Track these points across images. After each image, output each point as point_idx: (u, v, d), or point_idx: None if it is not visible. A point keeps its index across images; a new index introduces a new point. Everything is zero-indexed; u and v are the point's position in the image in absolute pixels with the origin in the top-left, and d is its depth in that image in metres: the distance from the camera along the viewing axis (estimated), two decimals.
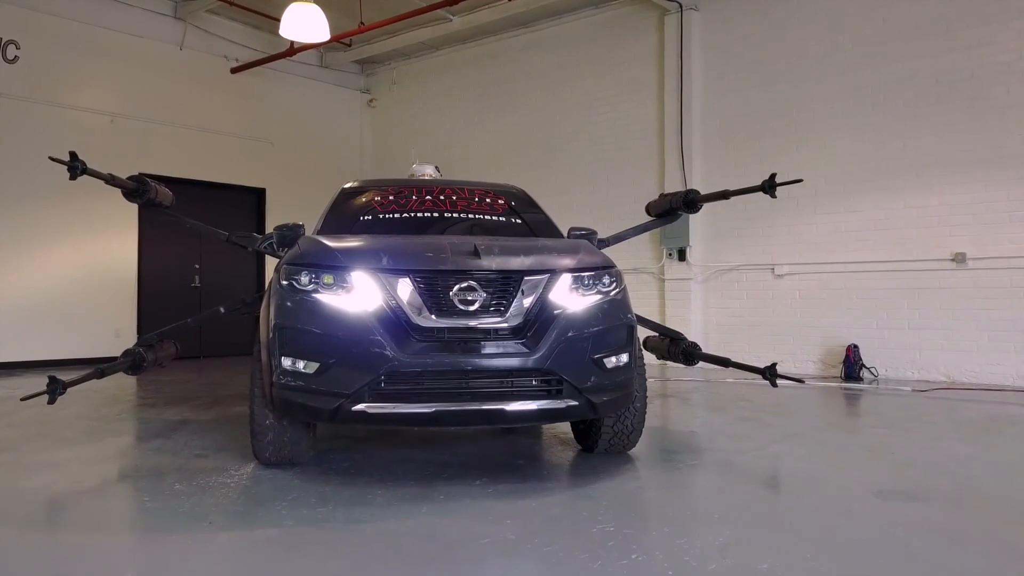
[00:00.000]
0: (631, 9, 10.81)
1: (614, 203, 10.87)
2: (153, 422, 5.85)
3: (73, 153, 4.77)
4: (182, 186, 11.50)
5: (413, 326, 3.67)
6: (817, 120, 9.23)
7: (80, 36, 10.42)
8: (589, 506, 3.45)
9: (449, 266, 3.78)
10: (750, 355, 9.66)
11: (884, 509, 3.45)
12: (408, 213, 5.06)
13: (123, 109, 10.87)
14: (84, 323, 10.45)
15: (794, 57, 9.40)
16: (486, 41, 12.32)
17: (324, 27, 9.47)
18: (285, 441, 4.08)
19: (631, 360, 4.02)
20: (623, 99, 10.90)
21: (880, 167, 8.78)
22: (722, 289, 10.00)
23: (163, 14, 11.27)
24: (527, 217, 5.36)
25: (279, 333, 3.75)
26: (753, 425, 5.67)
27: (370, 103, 14.04)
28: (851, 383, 8.34)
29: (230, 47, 11.99)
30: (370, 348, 3.59)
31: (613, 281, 4.11)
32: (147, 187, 5.98)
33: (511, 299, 3.77)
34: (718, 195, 6.36)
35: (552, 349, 3.68)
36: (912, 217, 8.57)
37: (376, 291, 3.72)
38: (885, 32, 8.76)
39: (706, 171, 10.10)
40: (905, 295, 8.60)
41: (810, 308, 9.27)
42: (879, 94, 8.79)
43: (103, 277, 10.68)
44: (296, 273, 3.88)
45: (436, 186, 5.50)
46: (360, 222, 5.00)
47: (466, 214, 5.14)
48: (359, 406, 3.59)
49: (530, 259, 3.96)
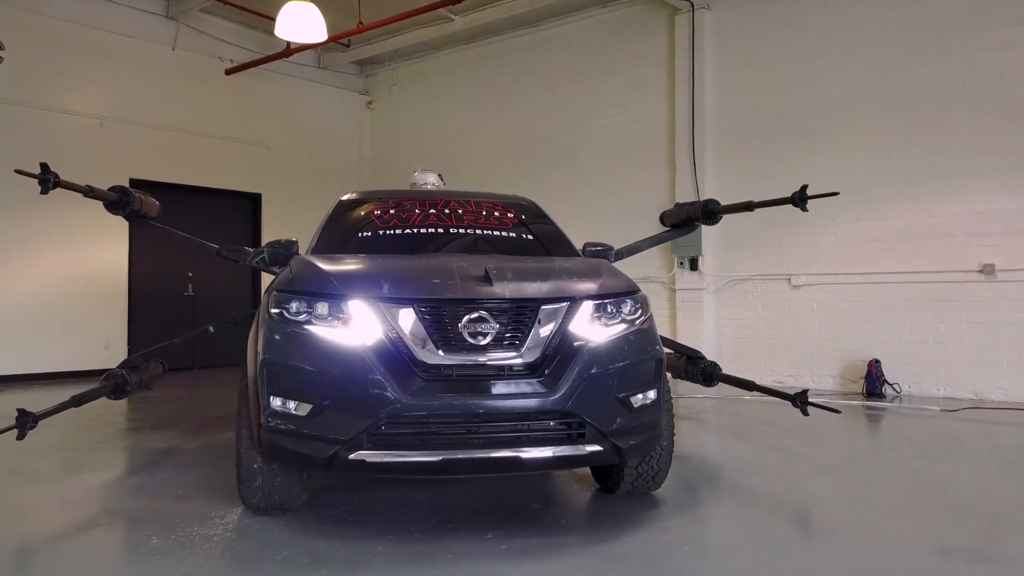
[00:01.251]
0: (640, 8, 10.40)
1: (623, 208, 10.47)
2: (136, 452, 5.45)
3: (44, 165, 4.36)
4: (174, 192, 11.17)
5: (417, 363, 3.27)
6: (836, 123, 8.83)
7: (67, 36, 10.01)
8: (617, 571, 3.05)
9: (457, 294, 3.38)
10: (765, 369, 9.29)
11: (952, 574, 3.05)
12: (410, 229, 4.66)
13: (113, 112, 10.46)
14: (71, 334, 10.04)
15: (812, 58, 9.00)
16: (489, 41, 11.91)
17: (321, 27, 9.07)
18: (275, 486, 3.68)
19: (659, 397, 3.63)
20: (632, 101, 10.49)
21: (903, 173, 8.38)
22: (736, 300, 9.60)
23: (154, 13, 10.85)
24: (538, 232, 4.96)
25: (267, 369, 3.35)
26: (781, 456, 5.27)
27: (369, 105, 13.63)
28: (874, 400, 7.95)
29: (224, 47, 11.58)
30: (369, 388, 3.19)
31: (638, 308, 3.71)
32: (130, 198, 5.59)
33: (527, 331, 3.37)
34: (741, 207, 5.96)
35: (573, 388, 3.28)
36: (937, 226, 8.17)
37: (375, 323, 3.33)
38: (908, 32, 8.36)
39: (719, 176, 9.70)
40: (929, 308, 8.20)
41: (828, 320, 8.87)
42: (902, 96, 8.39)
43: (91, 286, 10.27)
44: (287, 301, 3.48)
45: (440, 198, 5.10)
46: (358, 239, 4.60)
47: (473, 229, 4.73)
48: (357, 454, 3.19)
49: (547, 284, 3.56)
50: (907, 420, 6.81)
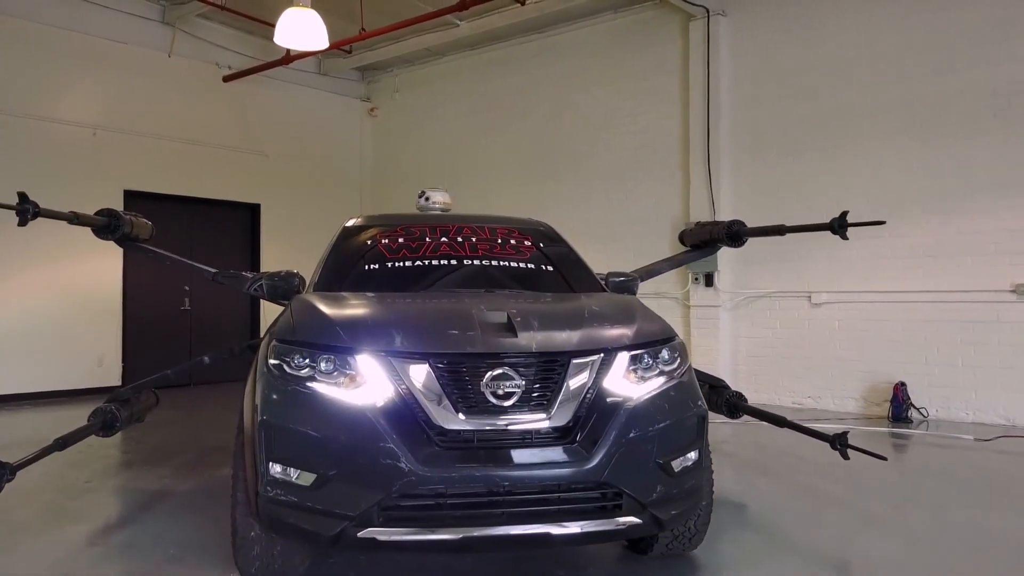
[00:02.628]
0: (653, 14, 10.03)
1: (634, 221, 10.12)
2: (126, 495, 5.09)
3: (22, 195, 4.01)
4: (170, 203, 10.83)
5: (434, 427, 2.91)
6: (859, 135, 8.47)
7: (59, 42, 9.64)
8: None
9: (478, 347, 3.02)
10: (784, 390, 8.95)
11: None
12: (421, 260, 4.29)
13: (106, 121, 10.09)
14: (63, 351, 9.68)
15: (833, 66, 8.63)
16: (495, 47, 11.54)
17: (322, 34, 8.69)
18: (274, 555, 3.32)
19: (702, 457, 3.27)
20: (644, 110, 10.13)
21: (930, 188, 8.03)
22: (753, 317, 9.25)
23: (150, 19, 10.48)
24: (558, 261, 4.60)
25: (266, 432, 2.99)
26: (818, 500, 4.92)
27: (371, 112, 13.26)
28: (900, 426, 7.60)
29: (222, 54, 11.22)
30: (380, 458, 2.83)
31: (676, 357, 3.35)
32: (120, 221, 5.26)
33: (556, 389, 3.02)
34: (770, 230, 5.62)
35: (610, 455, 2.93)
36: (966, 243, 7.81)
37: (386, 380, 2.97)
38: (935, 40, 8.00)
39: (735, 188, 9.34)
40: (958, 329, 7.84)
41: (851, 340, 8.51)
42: (928, 107, 8.03)
43: (84, 301, 9.89)
44: (287, 353, 3.12)
45: (451, 224, 4.74)
46: (365, 272, 4.24)
47: (489, 260, 4.38)
48: (367, 531, 2.84)
49: (578, 333, 3.20)
50: (942, 452, 6.45)
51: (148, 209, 10.53)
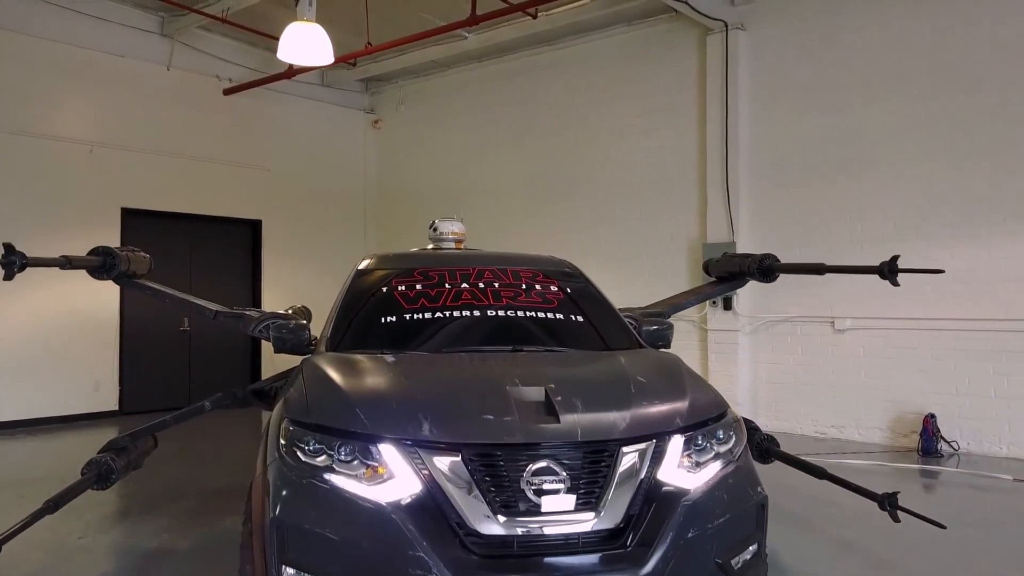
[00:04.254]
0: (668, 27, 9.70)
1: (648, 241, 9.80)
2: (121, 554, 4.76)
3: (8, 246, 3.68)
4: (168, 221, 10.51)
5: (467, 529, 2.58)
6: (885, 155, 8.14)
7: (53, 56, 9.30)
8: None
9: (517, 437, 2.69)
10: (806, 418, 8.64)
11: None
12: (442, 312, 3.96)
13: (103, 137, 9.75)
14: (59, 375, 9.35)
15: (858, 83, 8.31)
16: (503, 59, 11.21)
17: (327, 49, 8.35)
18: None
19: (761, 548, 2.95)
20: (658, 126, 9.80)
21: (961, 211, 7.71)
22: (773, 343, 8.92)
23: (148, 31, 10.14)
24: (588, 309, 4.27)
25: (279, 531, 2.66)
26: (868, 561, 4.59)
27: (375, 124, 12.92)
28: (930, 461, 7.29)
29: (222, 66, 10.88)
30: (407, 568, 2.50)
31: (732, 435, 3.03)
32: (115, 258, 4.95)
33: (605, 484, 2.69)
34: (808, 268, 5.31)
35: (666, 560, 2.60)
36: (1000, 270, 7.49)
37: (413, 474, 2.65)
38: (966, 56, 7.67)
39: (754, 209, 9.01)
40: (990, 358, 7.52)
41: (876, 369, 8.18)
42: (959, 127, 7.71)
43: (80, 323, 9.55)
44: (301, 437, 2.79)
45: (472, 266, 4.41)
46: (381, 326, 3.91)
47: (515, 311, 4.04)
48: None
49: (627, 415, 2.87)
50: (985, 497, 6.12)
51: (146, 227, 10.36)
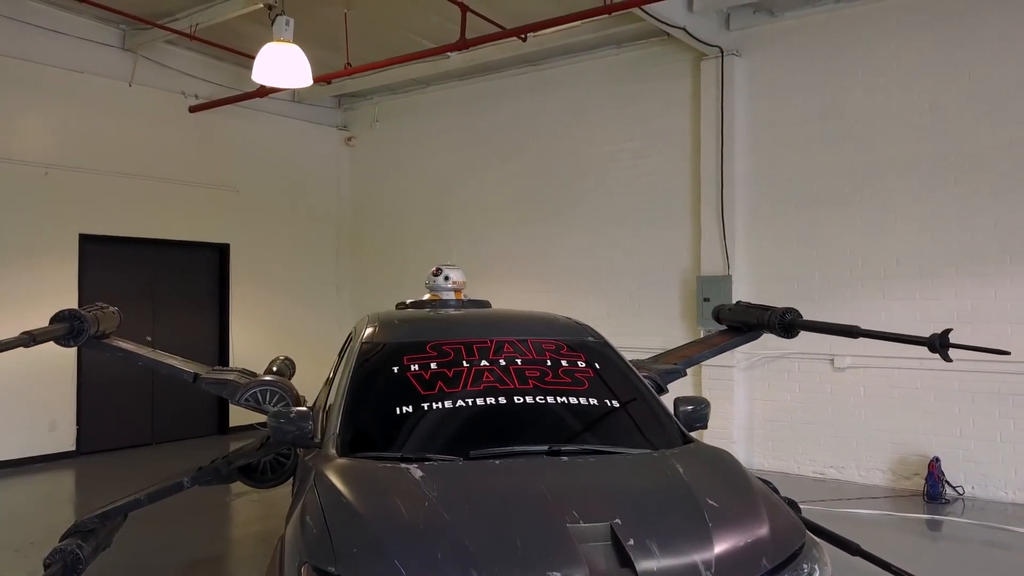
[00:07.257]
0: (659, 51, 9.36)
1: (639, 270, 9.48)
2: None
3: None
4: (130, 247, 9.88)
5: None
6: (888, 189, 7.92)
7: (4, 71, 8.62)
8: None
9: None
10: (804, 457, 8.39)
11: None
12: (463, 400, 3.53)
13: (59, 159, 9.09)
14: (10, 416, 8.67)
15: (861, 115, 8.07)
16: (487, 78, 10.78)
17: (306, 71, 7.84)
18: None
19: None
20: (650, 152, 9.46)
21: (966, 248, 7.51)
22: (770, 379, 8.65)
23: (109, 45, 9.50)
24: (619, 391, 3.88)
25: None
26: None
27: (348, 141, 12.39)
28: (937, 507, 7.09)
29: (189, 82, 10.27)
30: None
31: (814, 568, 2.66)
32: (83, 322, 4.45)
33: None
34: (838, 329, 5.03)
35: None
36: (1006, 310, 7.31)
37: None
38: (973, 91, 7.48)
39: (751, 242, 8.73)
40: (996, 401, 7.33)
41: (878, 408, 7.95)
42: (965, 161, 7.51)
43: (34, 358, 8.73)
44: None
45: (489, 337, 3.98)
46: (398, 418, 3.46)
47: (543, 396, 3.62)
48: None
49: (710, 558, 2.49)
50: (998, 557, 5.90)
51: (106, 254, 9.68)
